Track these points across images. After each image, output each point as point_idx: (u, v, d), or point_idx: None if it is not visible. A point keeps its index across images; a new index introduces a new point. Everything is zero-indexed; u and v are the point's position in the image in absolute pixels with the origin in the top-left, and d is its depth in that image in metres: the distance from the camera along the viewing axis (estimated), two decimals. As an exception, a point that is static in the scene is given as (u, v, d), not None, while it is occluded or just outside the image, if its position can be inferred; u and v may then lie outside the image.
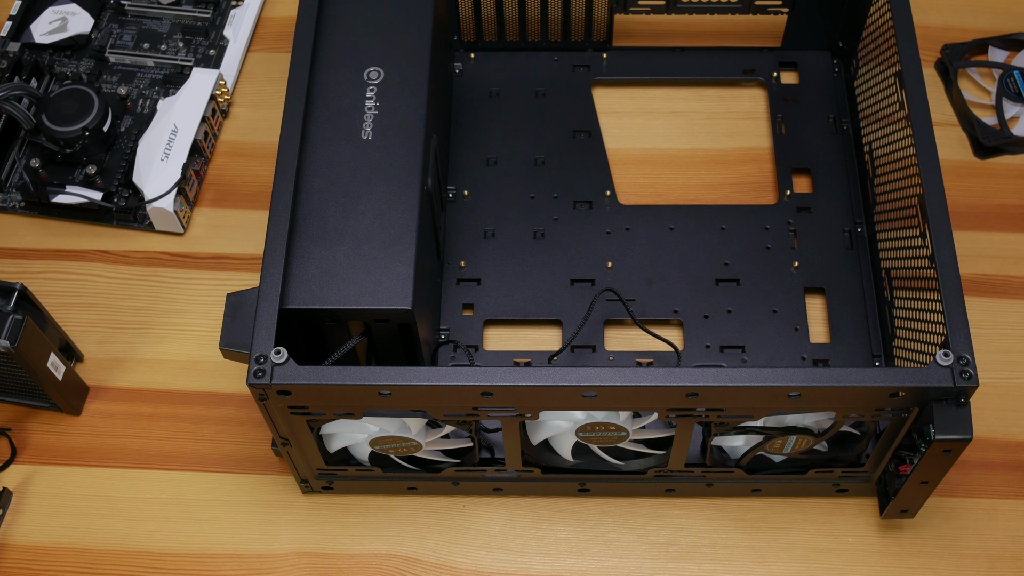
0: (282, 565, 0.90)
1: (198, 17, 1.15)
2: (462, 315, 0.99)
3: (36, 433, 0.96)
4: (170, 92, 1.10)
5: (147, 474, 0.95)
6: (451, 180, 1.06)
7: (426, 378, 0.77)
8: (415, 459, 0.89)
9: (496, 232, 1.03)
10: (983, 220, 1.05)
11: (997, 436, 0.95)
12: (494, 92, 1.11)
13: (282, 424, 0.81)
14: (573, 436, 0.85)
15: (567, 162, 1.07)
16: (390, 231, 0.84)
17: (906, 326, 0.90)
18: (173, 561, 0.91)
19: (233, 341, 0.80)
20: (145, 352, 1.00)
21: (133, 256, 1.05)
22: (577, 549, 0.91)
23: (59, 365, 0.92)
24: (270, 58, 1.16)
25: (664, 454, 0.87)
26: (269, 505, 0.93)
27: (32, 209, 1.06)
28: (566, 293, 1.00)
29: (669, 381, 0.76)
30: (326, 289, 0.82)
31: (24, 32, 1.14)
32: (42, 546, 0.92)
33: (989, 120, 1.10)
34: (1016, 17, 1.16)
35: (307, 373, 0.77)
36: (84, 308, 1.02)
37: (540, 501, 0.93)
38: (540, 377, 0.77)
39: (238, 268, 1.04)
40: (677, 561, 0.90)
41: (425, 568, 0.90)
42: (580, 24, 1.11)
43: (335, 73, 0.91)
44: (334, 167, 0.87)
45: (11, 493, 0.93)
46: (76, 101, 1.04)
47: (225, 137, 1.11)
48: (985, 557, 0.90)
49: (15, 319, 0.86)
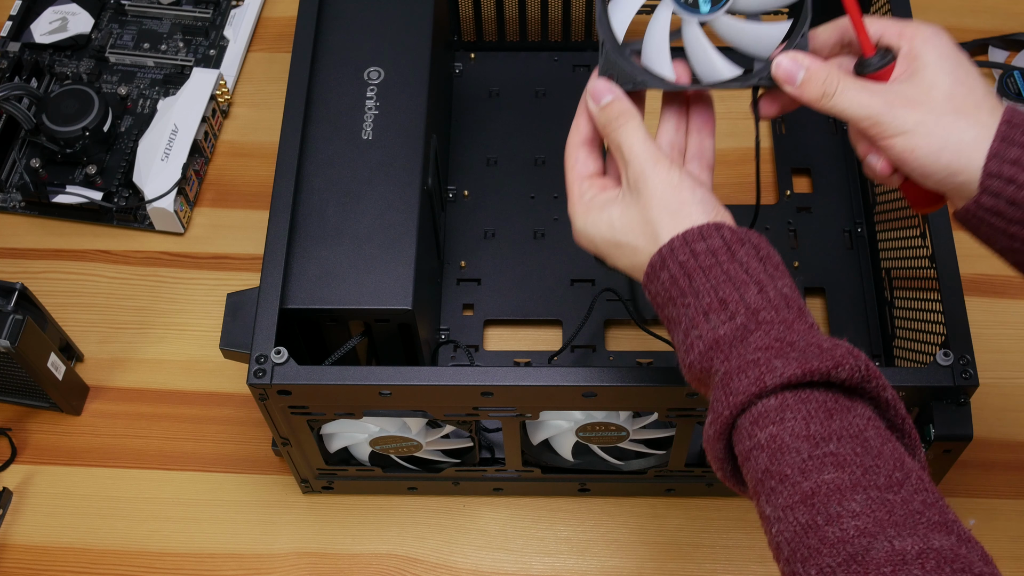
0: (282, 565, 0.90)
1: (198, 17, 1.15)
2: (462, 315, 0.99)
3: (36, 433, 0.96)
4: (170, 92, 1.10)
5: (147, 474, 0.95)
6: (451, 180, 1.06)
7: (426, 378, 0.77)
8: (415, 459, 0.89)
9: (496, 232, 1.03)
10: (983, 220, 1.05)
11: (997, 436, 0.95)
12: (494, 92, 1.11)
13: (282, 424, 0.81)
14: (573, 436, 0.85)
15: (567, 162, 1.07)
16: (390, 231, 0.84)
17: (906, 326, 0.90)
18: (173, 561, 0.91)
19: (233, 341, 0.80)
20: (145, 352, 1.00)
21: (133, 256, 1.05)
22: (577, 549, 0.91)
23: (59, 365, 0.92)
24: (270, 58, 1.16)
25: (664, 454, 0.87)
26: (269, 505, 0.93)
27: (32, 209, 1.06)
28: (566, 293, 1.00)
29: (669, 381, 0.76)
30: (326, 289, 0.82)
31: (24, 32, 1.14)
32: (42, 546, 0.92)
33: (989, 120, 1.10)
34: (1016, 17, 1.16)
35: (307, 373, 0.77)
36: (84, 308, 1.02)
37: (540, 501, 0.93)
38: (540, 377, 0.77)
39: (238, 268, 1.04)
40: (677, 561, 0.90)
41: (425, 568, 0.90)
42: (580, 24, 1.11)
43: (335, 73, 0.91)
44: (334, 167, 0.87)
45: (11, 493, 0.93)
46: (76, 101, 1.04)
47: (225, 137, 1.11)
48: (985, 557, 0.90)
49: (15, 319, 0.86)
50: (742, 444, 0.59)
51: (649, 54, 0.67)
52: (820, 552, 0.54)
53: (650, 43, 0.67)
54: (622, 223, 0.65)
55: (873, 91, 0.63)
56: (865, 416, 0.58)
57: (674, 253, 0.62)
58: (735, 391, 0.58)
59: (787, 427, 0.57)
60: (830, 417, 0.57)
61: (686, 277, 0.61)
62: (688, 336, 0.61)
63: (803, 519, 0.55)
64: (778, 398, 0.58)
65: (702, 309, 0.61)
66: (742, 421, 0.59)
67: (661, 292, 0.63)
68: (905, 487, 0.55)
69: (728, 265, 0.61)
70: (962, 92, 0.61)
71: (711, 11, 0.65)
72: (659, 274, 0.63)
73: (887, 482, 0.55)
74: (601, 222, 0.66)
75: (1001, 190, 0.60)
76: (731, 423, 0.59)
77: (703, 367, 0.61)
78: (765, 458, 0.57)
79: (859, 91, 0.63)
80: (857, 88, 0.63)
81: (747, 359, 0.59)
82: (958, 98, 0.61)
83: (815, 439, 0.56)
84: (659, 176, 0.64)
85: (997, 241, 0.63)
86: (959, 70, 0.62)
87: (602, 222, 0.66)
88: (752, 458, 0.58)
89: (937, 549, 0.53)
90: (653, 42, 0.67)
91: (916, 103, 0.62)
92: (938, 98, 0.61)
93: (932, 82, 0.62)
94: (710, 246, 0.61)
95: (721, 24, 0.66)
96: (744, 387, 0.58)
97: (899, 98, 0.62)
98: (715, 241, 0.62)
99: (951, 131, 0.61)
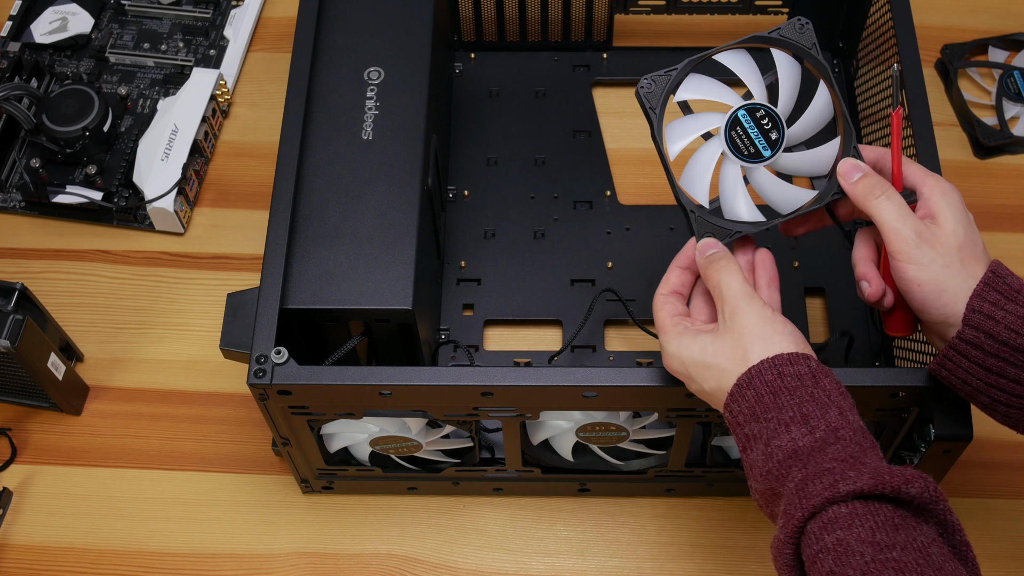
0: (282, 565, 0.90)
1: (198, 17, 1.15)
2: (462, 315, 0.99)
3: (36, 433, 0.96)
4: (170, 92, 1.10)
5: (147, 474, 0.95)
6: (451, 180, 1.06)
7: (426, 378, 0.77)
8: (415, 459, 0.89)
9: (496, 232, 1.03)
10: (983, 220, 1.05)
11: (997, 436, 0.95)
12: (494, 92, 1.11)
13: (282, 424, 0.81)
14: (573, 436, 0.85)
15: (567, 162, 1.07)
16: (390, 231, 0.84)
17: (906, 326, 0.90)
18: (173, 561, 0.91)
19: (233, 341, 0.80)
20: (145, 352, 1.00)
21: (133, 256, 1.05)
22: (577, 549, 0.91)
23: (59, 365, 0.92)
24: (270, 58, 1.16)
25: (664, 454, 0.87)
26: (269, 505, 0.93)
27: (32, 209, 1.06)
28: (566, 293, 1.00)
29: (669, 381, 0.76)
30: (326, 289, 0.82)
31: (24, 32, 1.14)
32: (42, 546, 0.92)
33: (989, 120, 1.10)
34: (1016, 17, 1.16)
35: (307, 373, 0.77)
36: (84, 308, 1.02)
37: (540, 501, 0.93)
38: (540, 377, 0.77)
39: (238, 268, 1.04)
40: (677, 561, 0.90)
41: (425, 568, 0.90)
42: (580, 24, 1.11)
43: (335, 73, 0.91)
44: (334, 167, 0.87)
45: (11, 493, 0.93)
46: (76, 101, 1.04)
47: (225, 137, 1.11)
48: (985, 557, 0.89)
49: (15, 319, 0.86)
50: (810, 548, 0.61)
51: (733, 207, 0.76)
52: None
53: (731, 196, 0.76)
54: (714, 348, 0.70)
55: (910, 215, 0.71)
56: (930, 535, 0.61)
57: (762, 373, 0.67)
58: (809, 494, 0.62)
59: (854, 533, 0.60)
60: (896, 530, 0.60)
61: (771, 395, 0.66)
62: (769, 446, 0.65)
63: None
64: (849, 507, 0.61)
65: (784, 422, 0.65)
66: (811, 526, 0.61)
67: (744, 410, 0.67)
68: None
69: (813, 389, 0.66)
70: (970, 245, 0.70)
71: (771, 154, 0.75)
72: (745, 392, 0.67)
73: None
74: (694, 345, 0.71)
75: (980, 323, 0.68)
76: (802, 527, 0.62)
77: (780, 474, 0.64)
78: (831, 560, 0.60)
79: (900, 206, 0.71)
80: (899, 203, 0.71)
81: (823, 467, 0.63)
82: (967, 249, 0.70)
83: (880, 546, 0.59)
84: (753, 310, 0.70)
85: (973, 380, 0.69)
86: (969, 227, 0.71)
87: (695, 345, 0.71)
88: (818, 561, 0.60)
89: None
90: (735, 195, 0.76)
91: (936, 243, 0.70)
92: (954, 245, 0.70)
93: (951, 230, 0.70)
94: (797, 371, 0.66)
95: (782, 161, 0.75)
96: (818, 491, 0.61)
97: (926, 231, 0.70)
98: (802, 367, 0.66)
99: (956, 278, 0.69)
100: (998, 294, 0.68)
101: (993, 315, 0.67)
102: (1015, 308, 0.67)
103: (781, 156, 0.75)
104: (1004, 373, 0.68)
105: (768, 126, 0.74)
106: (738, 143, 0.74)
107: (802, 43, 0.75)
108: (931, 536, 0.61)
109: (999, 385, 0.69)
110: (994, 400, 0.70)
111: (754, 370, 0.67)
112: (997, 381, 0.69)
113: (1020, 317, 0.67)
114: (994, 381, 0.69)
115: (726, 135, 0.74)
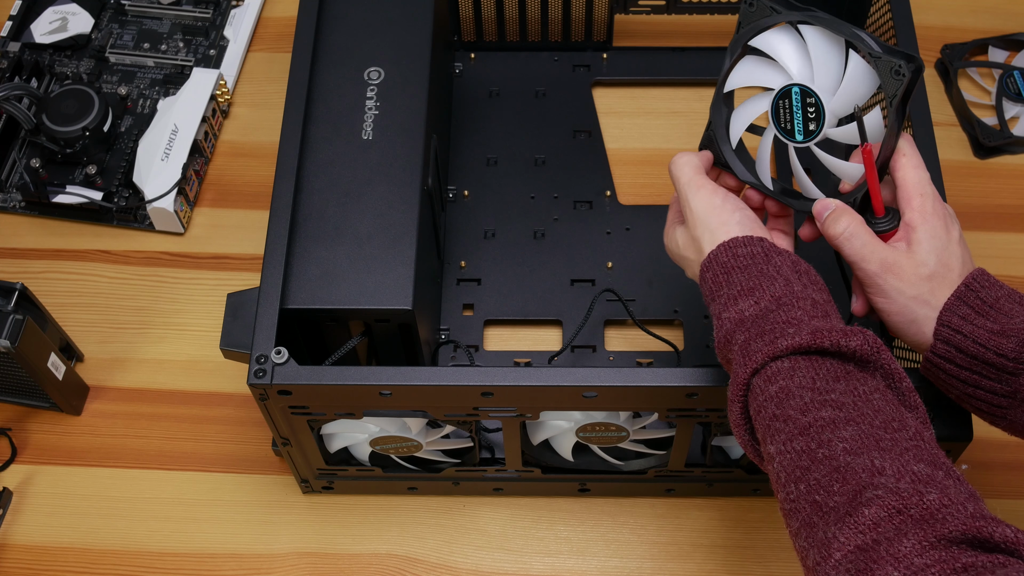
0: (282, 565, 0.91)
1: (198, 17, 1.15)
2: (462, 315, 0.99)
3: (36, 433, 0.96)
4: (170, 92, 1.10)
5: (147, 474, 0.95)
6: (451, 180, 1.06)
7: (426, 378, 0.77)
8: (415, 459, 0.89)
9: (496, 232, 1.03)
10: (983, 220, 1.05)
11: (997, 436, 0.94)
12: (494, 92, 1.11)
13: (282, 424, 0.81)
14: (573, 436, 0.85)
15: (567, 162, 1.07)
16: (390, 231, 0.84)
17: (906, 326, 0.89)
18: (173, 561, 0.91)
19: (234, 341, 0.80)
20: (145, 352, 1.00)
21: (133, 256, 1.05)
22: (577, 549, 0.91)
23: (59, 365, 0.92)
24: (270, 58, 1.16)
25: (664, 454, 0.87)
26: (269, 505, 0.93)
27: (32, 209, 1.06)
28: (566, 293, 1.00)
29: (669, 381, 0.76)
30: (326, 289, 0.82)
31: (24, 32, 1.14)
32: (42, 546, 0.92)
33: (989, 120, 1.10)
34: (1016, 17, 1.16)
35: (307, 373, 0.77)
36: (84, 308, 1.02)
37: (540, 501, 0.93)
38: (540, 377, 0.77)
39: (238, 268, 1.04)
40: (677, 561, 0.90)
41: (425, 568, 0.90)
42: (580, 24, 1.11)
43: (335, 73, 0.91)
44: (334, 167, 0.87)
45: (11, 493, 0.93)
46: (76, 101, 1.04)
47: (225, 137, 1.11)
48: (985, 557, 0.90)
49: (15, 319, 0.86)
50: (755, 401, 0.64)
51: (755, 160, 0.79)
52: (810, 470, 0.59)
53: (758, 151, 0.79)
54: (683, 241, 0.76)
55: (875, 249, 0.72)
56: (874, 385, 0.63)
57: (717, 256, 0.71)
58: (752, 352, 0.65)
59: (795, 381, 0.63)
60: (836, 379, 0.63)
61: (724, 274, 0.70)
62: (720, 319, 0.69)
63: (798, 447, 0.61)
64: (791, 361, 0.64)
65: (733, 296, 0.69)
66: (756, 381, 0.65)
67: (707, 293, 0.71)
68: (900, 433, 0.60)
69: (764, 266, 0.69)
70: (942, 273, 0.71)
71: (801, 141, 0.76)
72: (705, 275, 0.72)
73: (882, 424, 0.60)
74: (674, 240, 0.77)
75: (950, 338, 0.69)
76: (747, 384, 0.65)
77: (726, 340, 0.68)
78: (773, 406, 0.63)
79: (864, 244, 0.72)
80: (864, 240, 0.72)
81: (763, 328, 0.66)
82: (937, 279, 0.71)
83: (819, 390, 0.62)
84: (701, 199, 0.73)
85: (954, 387, 0.71)
86: (945, 252, 0.71)
87: (674, 240, 0.77)
88: (763, 410, 0.64)
89: (916, 472, 0.57)
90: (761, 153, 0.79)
91: (903, 274, 0.71)
92: (924, 275, 0.71)
93: (922, 260, 0.71)
94: (750, 251, 0.70)
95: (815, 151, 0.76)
96: (759, 348, 0.65)
97: (894, 263, 0.71)
98: (756, 248, 0.70)
99: (924, 308, 0.70)
100: (969, 308, 0.69)
101: (962, 329, 0.69)
102: (984, 323, 0.69)
103: (812, 147, 0.76)
104: (979, 384, 0.70)
105: (812, 115, 0.75)
106: (781, 113, 0.76)
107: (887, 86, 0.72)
108: (874, 385, 0.63)
109: (976, 395, 0.70)
110: (976, 409, 0.72)
111: (712, 255, 0.71)
112: (974, 392, 0.70)
113: (989, 331, 0.68)
114: (971, 392, 0.70)
115: (774, 100, 0.75)
